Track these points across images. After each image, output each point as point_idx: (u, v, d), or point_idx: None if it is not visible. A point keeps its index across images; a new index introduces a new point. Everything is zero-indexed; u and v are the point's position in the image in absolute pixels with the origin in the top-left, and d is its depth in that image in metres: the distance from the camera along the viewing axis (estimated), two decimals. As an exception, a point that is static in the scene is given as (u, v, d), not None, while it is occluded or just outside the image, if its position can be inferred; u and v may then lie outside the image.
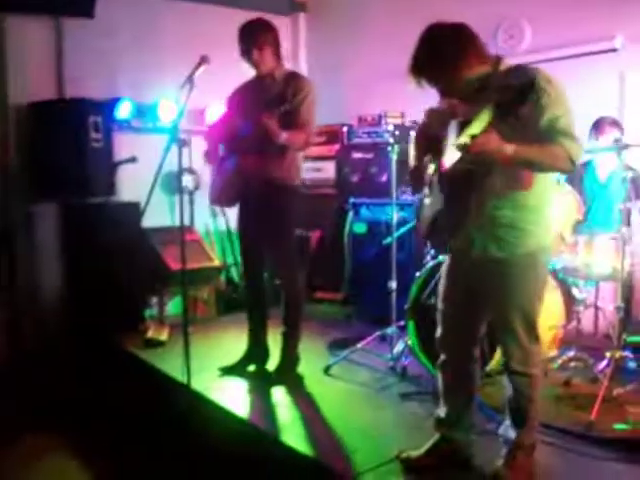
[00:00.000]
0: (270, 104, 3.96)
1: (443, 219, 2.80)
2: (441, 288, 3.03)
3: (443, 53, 2.63)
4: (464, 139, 2.46)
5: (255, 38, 4.01)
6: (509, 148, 2.48)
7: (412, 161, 3.07)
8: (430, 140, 2.91)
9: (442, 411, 3.08)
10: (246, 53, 4.04)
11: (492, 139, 2.44)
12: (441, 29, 2.68)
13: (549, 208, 2.80)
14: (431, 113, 3.05)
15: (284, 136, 3.92)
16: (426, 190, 2.94)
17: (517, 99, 2.33)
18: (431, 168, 2.90)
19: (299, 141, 4.03)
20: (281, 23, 7.21)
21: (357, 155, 6.26)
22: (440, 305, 3.02)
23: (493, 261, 2.75)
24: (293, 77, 4.13)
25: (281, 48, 4.15)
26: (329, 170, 6.52)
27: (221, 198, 4.36)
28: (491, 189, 2.67)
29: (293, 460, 3.29)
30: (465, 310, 2.92)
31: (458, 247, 2.85)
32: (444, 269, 3.02)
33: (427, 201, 2.95)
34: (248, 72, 4.16)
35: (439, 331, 3.03)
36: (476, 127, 2.43)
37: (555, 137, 2.54)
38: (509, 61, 2.75)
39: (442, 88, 2.75)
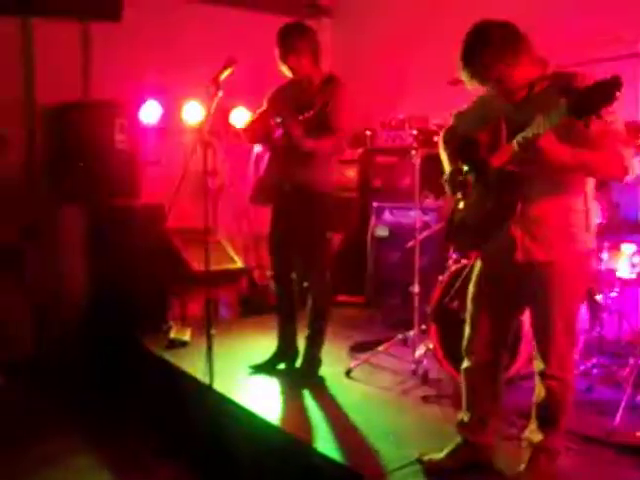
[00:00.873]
0: (301, 109, 3.98)
1: (486, 222, 2.79)
2: (472, 291, 2.99)
3: (495, 45, 2.58)
4: (528, 134, 2.42)
5: (291, 43, 3.99)
6: (568, 151, 2.45)
7: (446, 166, 3.04)
8: (461, 143, 2.91)
9: (465, 415, 3.07)
10: (283, 58, 4.03)
11: (553, 140, 2.41)
12: (493, 23, 2.64)
13: (594, 212, 2.79)
14: (459, 115, 3.04)
15: (309, 144, 3.92)
16: (459, 194, 2.93)
17: (599, 102, 2.23)
18: (465, 171, 2.89)
19: (327, 148, 4.01)
20: (306, 27, 7.30)
21: (380, 159, 6.28)
22: (470, 308, 2.99)
23: (537, 265, 2.73)
24: (329, 82, 4.09)
25: (319, 52, 4.12)
26: (352, 173, 6.52)
27: (256, 197, 4.37)
28: (538, 192, 2.65)
29: (315, 462, 3.30)
30: (498, 314, 2.91)
31: (498, 250, 2.82)
32: (476, 272, 3.00)
33: (461, 205, 2.94)
34: (283, 75, 4.14)
35: (467, 334, 3.01)
36: (539, 127, 2.38)
37: (608, 143, 2.50)
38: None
39: (491, 86, 2.69)
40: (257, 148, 4.33)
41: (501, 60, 2.58)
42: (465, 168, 2.89)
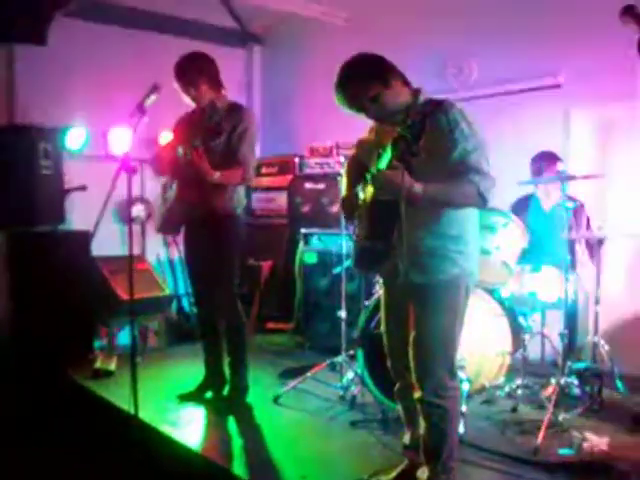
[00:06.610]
0: (208, 137, 4.03)
1: (372, 247, 2.80)
2: (381, 317, 3.04)
3: (364, 82, 2.68)
4: (372, 172, 2.47)
5: (189, 76, 4.04)
6: (417, 187, 2.50)
7: (343, 191, 3.11)
8: (360, 170, 2.94)
9: (406, 437, 3.07)
10: (184, 90, 4.08)
11: (396, 176, 2.44)
12: (358, 60, 2.78)
13: (472, 236, 2.81)
14: (359, 143, 3.11)
15: (217, 175, 3.92)
16: (356, 220, 2.97)
17: (412, 137, 2.33)
18: (360, 197, 2.92)
19: (234, 179, 4.03)
20: (235, 55, 7.36)
21: (309, 185, 6.33)
22: (383, 334, 3.03)
23: (415, 286, 2.74)
24: (234, 109, 4.15)
25: (218, 78, 4.15)
26: (281, 200, 6.57)
27: (165, 226, 4.36)
28: (413, 219, 2.62)
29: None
30: (400, 337, 2.89)
31: (387, 275, 2.88)
32: (382, 297, 3.03)
33: (357, 230, 2.97)
34: (192, 103, 4.18)
35: (388, 359, 3.04)
36: (383, 162, 2.43)
37: (466, 172, 2.57)
38: (427, 94, 2.79)
39: (372, 116, 2.81)
40: (163, 179, 4.31)
41: (368, 91, 2.68)
42: (360, 194, 2.91)
